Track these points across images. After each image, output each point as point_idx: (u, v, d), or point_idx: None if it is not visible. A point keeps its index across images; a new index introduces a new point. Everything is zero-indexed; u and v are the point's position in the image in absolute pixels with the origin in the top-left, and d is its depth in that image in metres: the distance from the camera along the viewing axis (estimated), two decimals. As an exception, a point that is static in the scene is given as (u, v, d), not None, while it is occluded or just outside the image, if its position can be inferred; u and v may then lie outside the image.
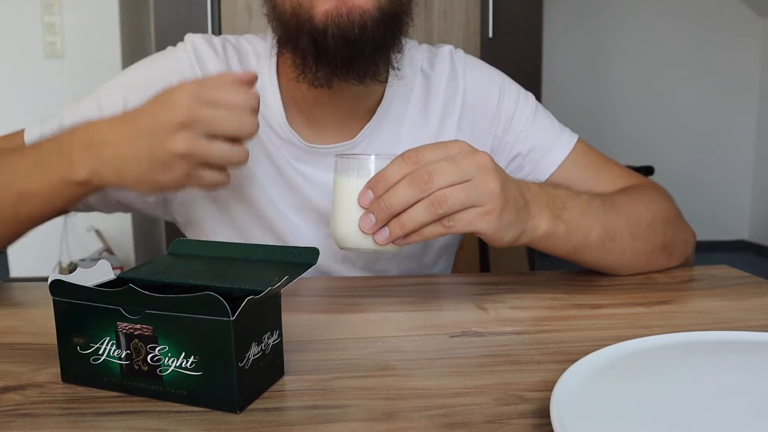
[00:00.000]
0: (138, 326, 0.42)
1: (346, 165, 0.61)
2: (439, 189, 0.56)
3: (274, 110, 0.79)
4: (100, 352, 0.43)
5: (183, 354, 0.41)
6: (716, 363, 0.46)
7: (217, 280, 0.46)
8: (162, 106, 0.59)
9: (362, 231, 0.59)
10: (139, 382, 0.43)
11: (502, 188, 0.59)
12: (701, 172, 4.26)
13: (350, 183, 0.60)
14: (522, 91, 0.88)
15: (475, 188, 0.57)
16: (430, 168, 0.56)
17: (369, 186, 0.58)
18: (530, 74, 2.12)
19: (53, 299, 0.44)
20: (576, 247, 0.70)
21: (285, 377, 0.46)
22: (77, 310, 0.43)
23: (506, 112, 0.86)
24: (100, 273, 0.48)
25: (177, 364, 0.41)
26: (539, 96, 2.18)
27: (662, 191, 0.84)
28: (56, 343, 0.45)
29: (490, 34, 2.09)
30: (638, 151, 4.02)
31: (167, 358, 0.41)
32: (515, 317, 0.62)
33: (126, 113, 0.63)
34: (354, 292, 0.72)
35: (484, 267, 1.18)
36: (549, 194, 0.67)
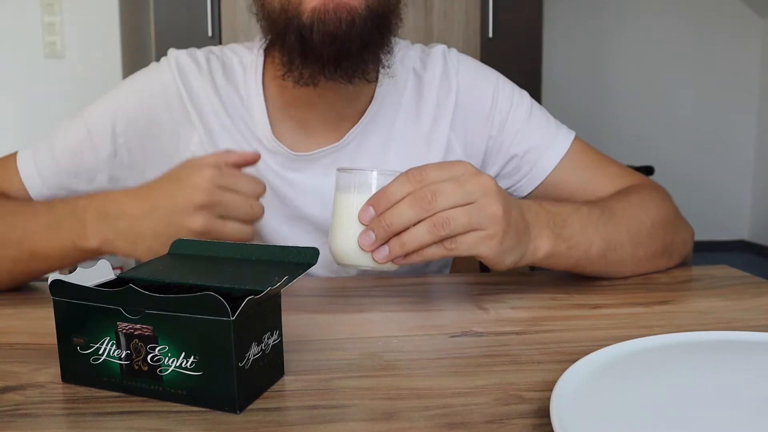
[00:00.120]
0: (138, 326, 0.42)
1: (347, 179, 0.60)
2: (443, 210, 0.56)
3: (260, 123, 0.80)
4: (100, 352, 0.43)
5: (183, 354, 0.41)
6: (716, 363, 0.46)
7: (217, 280, 0.46)
8: (182, 189, 0.63)
9: (361, 248, 0.58)
10: (139, 382, 0.43)
11: (505, 212, 0.58)
12: (701, 172, 4.26)
13: (351, 198, 0.59)
14: (516, 90, 0.87)
15: (478, 211, 0.57)
16: (434, 188, 0.56)
17: (370, 203, 0.57)
18: (530, 74, 2.12)
19: (53, 299, 0.44)
20: (578, 262, 0.70)
21: (285, 377, 0.46)
22: (77, 310, 0.43)
23: (501, 113, 0.85)
24: (100, 273, 0.48)
25: (177, 364, 0.41)
26: (539, 96, 2.18)
27: (660, 191, 0.83)
28: (56, 343, 0.45)
29: (490, 34, 2.09)
30: (638, 151, 4.02)
31: (167, 358, 0.41)
32: (515, 317, 0.62)
33: (142, 187, 0.67)
34: (354, 292, 0.72)
35: (484, 267, 1.18)
36: (549, 212, 0.67)
